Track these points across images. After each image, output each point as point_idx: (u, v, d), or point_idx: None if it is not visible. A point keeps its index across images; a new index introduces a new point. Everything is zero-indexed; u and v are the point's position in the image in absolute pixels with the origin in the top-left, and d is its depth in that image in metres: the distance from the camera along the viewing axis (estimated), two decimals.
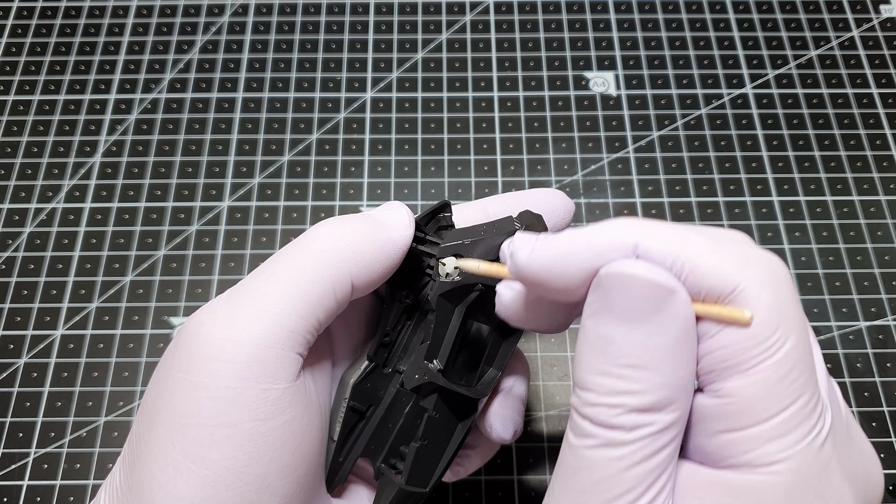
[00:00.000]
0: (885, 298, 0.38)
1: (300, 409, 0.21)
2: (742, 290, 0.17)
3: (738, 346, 0.17)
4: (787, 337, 0.17)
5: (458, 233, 0.24)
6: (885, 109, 0.43)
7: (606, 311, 0.17)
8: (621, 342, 0.17)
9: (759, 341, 0.17)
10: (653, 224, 0.18)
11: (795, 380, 0.17)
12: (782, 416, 0.17)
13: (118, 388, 0.36)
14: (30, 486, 0.33)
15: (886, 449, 0.34)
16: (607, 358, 0.17)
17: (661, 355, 0.17)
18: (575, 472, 0.18)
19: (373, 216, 0.24)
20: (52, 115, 0.43)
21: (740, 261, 0.17)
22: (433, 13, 0.47)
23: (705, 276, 0.17)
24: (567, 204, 0.27)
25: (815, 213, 0.40)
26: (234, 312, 0.21)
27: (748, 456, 0.17)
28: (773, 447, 0.17)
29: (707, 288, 0.17)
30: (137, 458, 0.21)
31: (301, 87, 0.44)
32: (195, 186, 0.41)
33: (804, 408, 0.17)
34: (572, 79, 0.45)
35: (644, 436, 0.17)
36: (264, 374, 0.20)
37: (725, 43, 0.46)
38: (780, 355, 0.17)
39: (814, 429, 0.17)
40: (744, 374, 0.17)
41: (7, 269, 0.39)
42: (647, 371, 0.17)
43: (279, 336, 0.21)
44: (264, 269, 0.22)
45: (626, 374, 0.17)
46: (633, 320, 0.17)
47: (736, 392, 0.17)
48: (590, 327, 0.18)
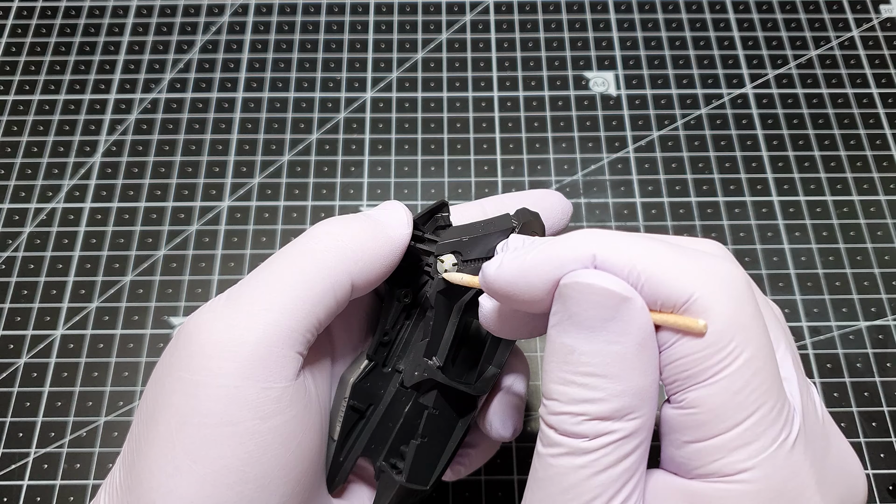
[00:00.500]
0: (884, 298, 0.38)
1: (300, 407, 0.21)
2: (696, 299, 0.17)
3: (696, 356, 0.17)
4: (744, 346, 0.17)
5: (456, 230, 0.24)
6: (884, 109, 0.43)
7: (567, 321, 0.18)
8: (581, 351, 0.17)
9: (715, 350, 0.17)
10: (613, 235, 0.18)
11: (756, 388, 0.17)
12: (745, 425, 0.17)
13: (118, 388, 0.36)
14: (30, 486, 0.33)
15: (886, 449, 0.34)
16: (569, 367, 0.18)
17: (620, 363, 0.17)
18: (543, 481, 0.18)
19: (371, 216, 0.24)
20: (52, 115, 0.43)
21: (697, 270, 0.17)
22: (433, 13, 0.47)
23: (660, 286, 0.17)
24: (565, 205, 0.27)
25: (815, 212, 0.40)
26: (233, 311, 0.21)
27: (715, 465, 0.17)
28: (738, 456, 0.17)
29: (663, 297, 0.17)
30: (137, 456, 0.21)
31: (301, 87, 0.44)
32: (195, 186, 0.41)
33: (768, 415, 0.17)
34: (572, 79, 0.45)
35: (607, 443, 0.17)
36: (264, 373, 0.20)
37: (725, 43, 0.46)
38: (738, 364, 0.17)
39: (779, 435, 0.17)
40: (704, 385, 0.17)
41: (7, 269, 0.39)
42: (606, 379, 0.17)
43: (279, 335, 0.21)
44: (264, 268, 0.22)
45: (586, 382, 0.17)
46: (591, 329, 0.17)
47: (698, 402, 0.17)
48: (553, 337, 0.18)
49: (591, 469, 0.17)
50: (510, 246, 0.20)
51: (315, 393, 0.23)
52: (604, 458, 0.17)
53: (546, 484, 0.18)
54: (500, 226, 0.24)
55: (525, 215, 0.24)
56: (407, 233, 0.24)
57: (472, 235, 0.23)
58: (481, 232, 0.23)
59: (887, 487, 0.33)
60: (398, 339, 0.25)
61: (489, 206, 0.27)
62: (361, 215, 0.24)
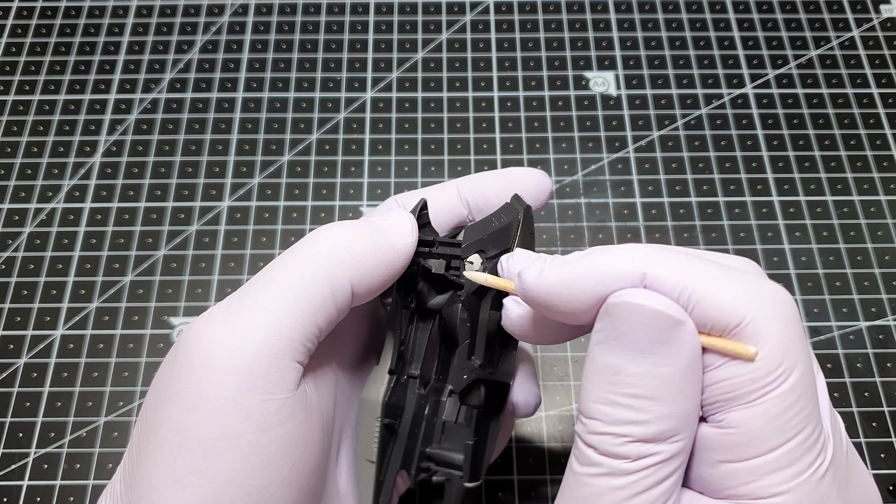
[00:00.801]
0: (885, 298, 0.38)
1: (301, 417, 0.21)
2: (748, 323, 0.17)
3: (743, 379, 0.17)
4: (791, 370, 0.17)
5: (473, 230, 0.24)
6: (885, 109, 0.43)
7: (613, 341, 0.17)
8: (628, 372, 0.17)
9: (763, 374, 0.17)
10: (661, 252, 0.18)
11: (798, 413, 0.17)
12: (784, 449, 0.17)
13: (118, 388, 0.36)
14: (30, 486, 0.33)
15: (887, 449, 0.34)
16: (614, 387, 0.17)
17: (668, 386, 0.17)
18: (578, 501, 0.18)
19: (374, 222, 0.23)
20: (52, 115, 0.43)
21: (748, 293, 0.17)
22: (433, 13, 0.47)
23: (712, 309, 0.17)
24: (544, 182, 0.26)
25: (816, 212, 0.40)
26: (232, 322, 0.21)
27: (748, 487, 0.17)
28: (772, 479, 0.17)
29: (713, 320, 0.17)
30: (138, 469, 0.20)
31: (301, 87, 0.44)
32: (195, 186, 0.41)
33: (806, 441, 0.17)
34: (572, 79, 0.45)
35: (648, 465, 0.17)
36: (265, 385, 0.20)
37: (726, 43, 0.46)
38: (783, 388, 0.17)
39: (815, 462, 0.17)
40: (747, 406, 0.17)
41: (7, 269, 0.39)
42: (653, 401, 0.17)
43: (279, 345, 0.21)
44: (263, 276, 0.22)
45: (632, 404, 0.17)
46: (640, 350, 0.17)
47: (738, 423, 0.17)
48: (596, 356, 0.18)
49: (630, 490, 0.17)
50: (524, 263, 0.20)
51: (317, 401, 0.23)
52: (644, 479, 0.17)
53: (581, 502, 0.18)
54: (511, 215, 0.24)
55: (521, 203, 0.24)
56: (411, 241, 0.23)
57: (489, 231, 0.23)
58: (497, 226, 0.23)
59: (888, 488, 0.33)
60: (409, 345, 0.25)
61: (463, 186, 0.26)
62: (364, 221, 0.23)
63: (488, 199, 0.26)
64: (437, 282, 0.25)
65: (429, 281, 0.25)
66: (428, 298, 0.26)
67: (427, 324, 0.26)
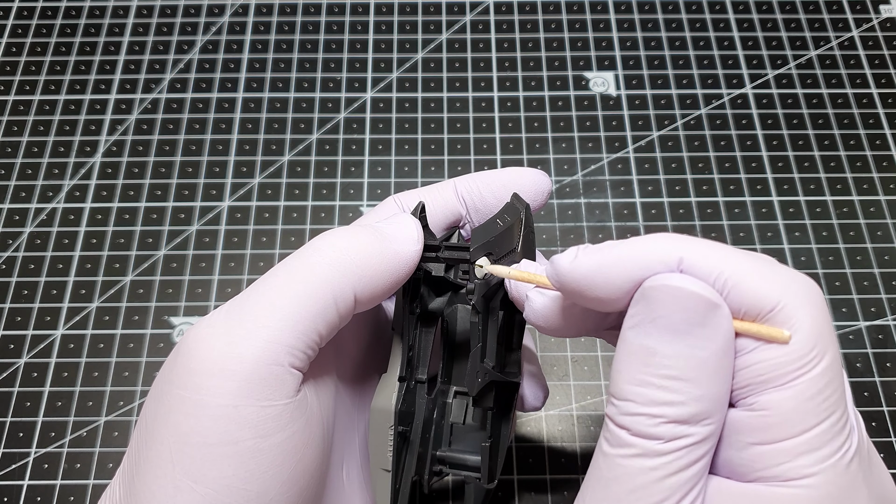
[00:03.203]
0: (884, 298, 0.38)
1: (301, 423, 0.21)
2: (782, 308, 0.17)
3: (777, 361, 0.17)
4: (823, 354, 0.17)
5: (480, 232, 0.24)
6: (884, 109, 0.43)
7: (650, 323, 0.18)
8: (664, 354, 0.17)
9: (797, 356, 0.17)
10: (697, 241, 0.18)
11: (829, 397, 0.17)
12: (815, 431, 0.17)
13: (118, 387, 0.36)
14: (30, 486, 0.34)
15: (886, 448, 0.34)
16: (649, 368, 0.18)
17: (702, 368, 0.17)
18: (609, 482, 0.18)
19: (379, 228, 0.23)
20: (53, 115, 0.43)
21: (780, 280, 0.17)
22: (433, 13, 0.47)
23: (747, 293, 0.17)
24: (544, 183, 0.26)
25: (815, 212, 0.40)
26: (232, 327, 0.21)
27: (779, 469, 0.17)
28: (804, 461, 0.17)
29: (748, 305, 0.17)
30: (137, 475, 0.20)
31: (301, 88, 0.44)
32: (195, 186, 0.41)
33: (836, 424, 0.17)
34: (572, 79, 0.45)
35: (681, 447, 0.17)
36: (264, 391, 0.20)
37: (725, 43, 0.46)
38: (816, 371, 0.17)
39: (843, 446, 0.17)
40: (780, 388, 0.17)
41: (7, 268, 0.39)
42: (688, 383, 0.17)
43: (278, 352, 0.20)
44: (264, 281, 0.22)
45: (667, 385, 0.17)
46: (676, 332, 0.17)
47: (771, 405, 0.17)
48: (631, 338, 0.18)
49: (663, 472, 0.17)
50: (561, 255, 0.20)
51: (317, 407, 0.23)
52: (677, 461, 0.17)
53: (612, 483, 0.18)
54: (514, 214, 0.24)
55: (522, 202, 0.24)
56: (417, 249, 0.23)
57: (496, 233, 0.23)
58: (503, 227, 0.24)
59: None
60: (416, 350, 0.25)
61: (462, 184, 0.26)
62: (369, 227, 0.23)
63: (485, 198, 0.26)
64: (435, 284, 0.25)
65: (428, 284, 0.25)
66: (428, 302, 0.26)
67: (430, 328, 0.26)
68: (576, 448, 0.34)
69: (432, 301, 0.26)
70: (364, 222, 0.26)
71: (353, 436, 0.26)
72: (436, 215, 0.26)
